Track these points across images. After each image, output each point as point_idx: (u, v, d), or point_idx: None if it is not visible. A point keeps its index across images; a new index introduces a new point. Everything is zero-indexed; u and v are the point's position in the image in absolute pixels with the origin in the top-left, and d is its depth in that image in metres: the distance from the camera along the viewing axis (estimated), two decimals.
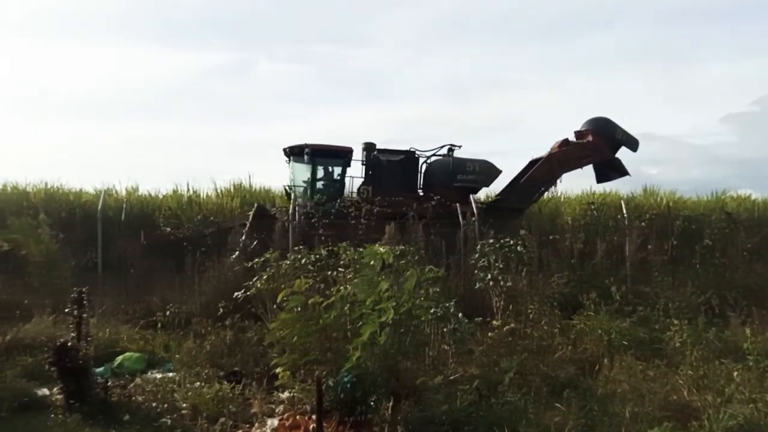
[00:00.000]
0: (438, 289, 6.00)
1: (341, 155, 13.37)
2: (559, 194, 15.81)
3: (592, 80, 47.71)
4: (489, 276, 7.82)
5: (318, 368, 5.57)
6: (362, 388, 5.43)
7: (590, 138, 13.41)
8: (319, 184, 13.41)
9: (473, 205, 10.99)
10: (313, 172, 13.30)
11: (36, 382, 6.15)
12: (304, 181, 13.28)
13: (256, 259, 7.70)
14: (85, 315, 5.66)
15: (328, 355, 5.43)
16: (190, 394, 5.72)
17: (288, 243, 9.47)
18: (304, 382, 5.75)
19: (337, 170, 13.58)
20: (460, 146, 13.59)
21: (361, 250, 6.75)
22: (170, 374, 6.62)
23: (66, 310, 6.08)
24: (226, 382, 5.95)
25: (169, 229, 13.33)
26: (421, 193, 13.19)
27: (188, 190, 18.13)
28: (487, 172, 13.49)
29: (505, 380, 5.88)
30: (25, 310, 7.53)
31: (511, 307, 7.77)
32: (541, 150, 14.19)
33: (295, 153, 13.21)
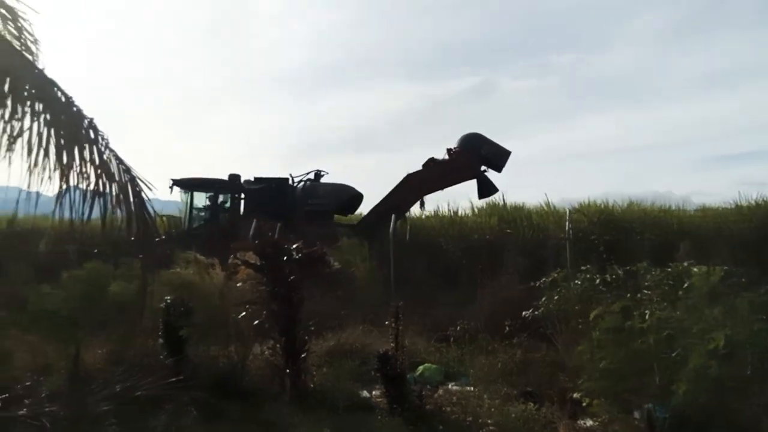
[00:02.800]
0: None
1: (212, 186, 14.48)
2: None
3: None
4: None
5: (633, 398, 5.17)
6: (688, 424, 4.85)
7: (454, 156, 12.75)
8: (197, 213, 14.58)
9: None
10: (189, 203, 14.51)
11: (357, 384, 7.03)
12: (179, 210, 14.53)
13: (544, 278, 7.60)
14: (401, 327, 6.30)
15: (648, 384, 4.99)
16: (493, 410, 5.86)
17: None
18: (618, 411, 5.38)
19: (209, 200, 14.70)
20: (327, 173, 13.97)
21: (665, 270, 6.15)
22: (468, 388, 6.91)
23: (386, 322, 6.82)
24: (531, 403, 5.94)
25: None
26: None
27: (449, 210, 19.14)
28: (336, 195, 13.64)
29: None
30: (340, 320, 8.73)
31: None
32: None
33: (177, 185, 14.35)
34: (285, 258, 6.64)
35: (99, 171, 4.62)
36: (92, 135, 4.67)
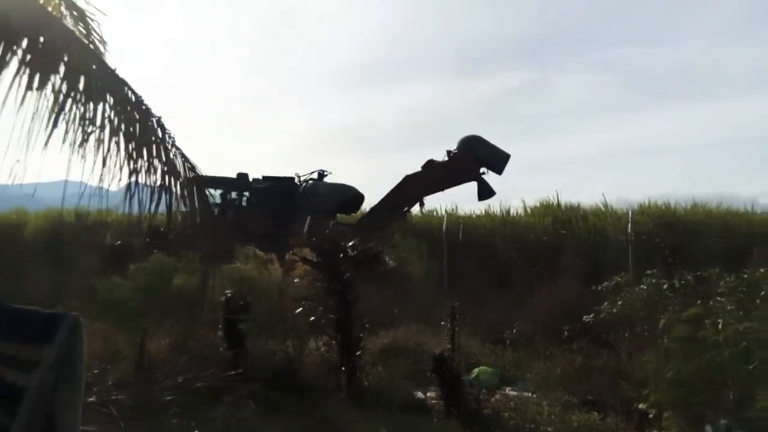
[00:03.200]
0: None
1: (222, 184, 14.81)
2: None
3: None
4: None
5: (706, 412, 4.89)
6: None
7: (452, 158, 12.83)
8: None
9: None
10: None
11: (411, 384, 6.99)
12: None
13: (606, 282, 7.32)
14: (457, 328, 6.21)
15: (722, 398, 4.71)
16: (554, 418, 5.70)
17: None
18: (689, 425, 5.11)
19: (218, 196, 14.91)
20: (330, 172, 14.31)
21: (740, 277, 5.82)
22: (526, 393, 6.75)
23: (441, 322, 6.76)
24: (595, 413, 5.73)
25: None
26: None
27: (500, 209, 18.82)
28: (336, 194, 13.84)
29: None
30: (393, 318, 8.71)
31: None
32: None
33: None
34: (341, 255, 6.67)
35: (165, 168, 4.75)
36: (160, 133, 4.80)
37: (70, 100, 4.26)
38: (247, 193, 15.28)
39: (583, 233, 14.68)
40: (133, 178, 4.55)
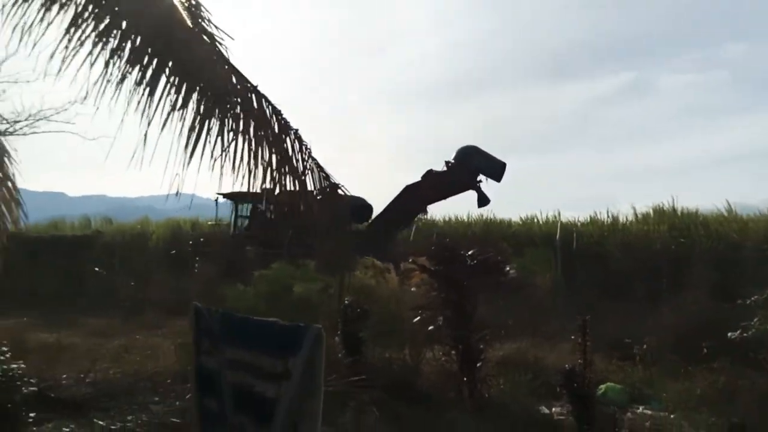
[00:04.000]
0: None
1: (247, 198, 15.61)
2: None
3: None
4: None
5: None
6: None
7: (449, 168, 13.14)
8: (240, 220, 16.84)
9: None
10: (234, 211, 17.09)
11: (533, 398, 6.72)
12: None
13: (755, 297, 6.67)
14: (589, 342, 5.90)
15: None
16: None
17: None
18: None
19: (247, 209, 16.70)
20: (342, 185, 13.27)
21: None
22: (661, 413, 6.27)
23: (573, 336, 6.47)
24: None
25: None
26: None
27: (607, 216, 17.85)
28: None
29: None
30: (510, 330, 8.46)
31: None
32: None
33: (224, 197, 16.55)
34: (459, 264, 6.58)
35: (300, 179, 4.90)
36: (297, 145, 4.96)
37: (210, 119, 4.51)
38: (271, 206, 16.80)
39: (705, 241, 13.58)
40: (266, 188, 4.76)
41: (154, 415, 5.75)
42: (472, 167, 13.32)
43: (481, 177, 13.41)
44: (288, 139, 4.96)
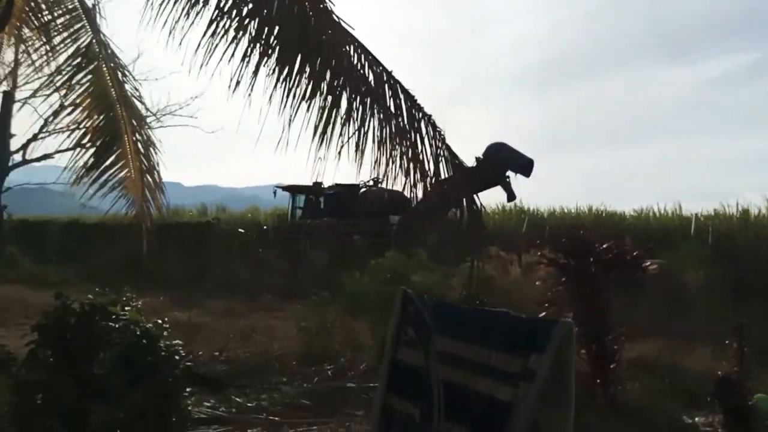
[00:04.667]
0: None
1: (303, 191, 18.86)
2: None
3: None
4: None
5: None
6: None
7: (477, 164, 13.00)
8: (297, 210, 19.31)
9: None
10: (291, 203, 19.70)
11: (673, 405, 6.19)
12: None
13: None
14: (746, 349, 5.32)
15: None
16: None
17: None
18: None
19: (301, 201, 19.45)
20: (382, 180, 12.05)
21: None
22: None
23: (728, 341, 5.90)
24: None
25: None
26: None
27: (737, 208, 16.30)
28: (382, 199, 14.79)
29: None
30: (642, 329, 7.87)
31: None
32: None
33: (283, 189, 19.36)
34: (592, 258, 6.17)
35: (436, 167, 4.76)
36: (431, 131, 4.82)
37: (339, 107, 4.46)
38: (321, 198, 18.75)
39: None
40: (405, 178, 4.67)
41: (285, 396, 5.95)
42: (498, 163, 13.75)
43: (510, 173, 13.84)
44: (421, 125, 4.84)
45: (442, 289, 7.51)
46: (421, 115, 4.90)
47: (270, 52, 4.20)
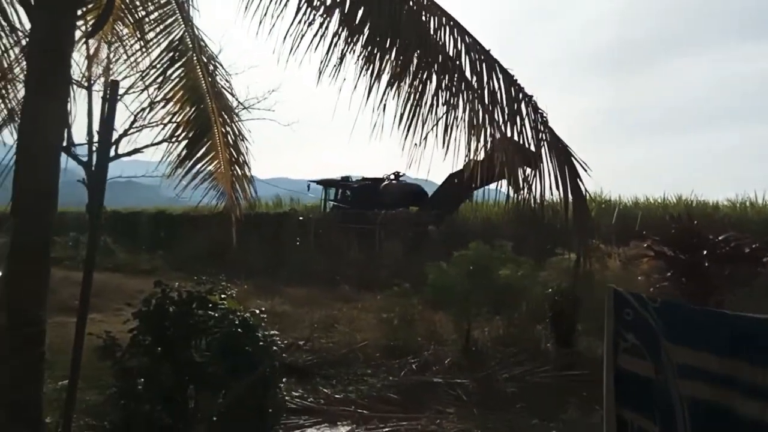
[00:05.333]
0: None
1: (333, 185, 20.01)
2: None
3: None
4: None
5: None
6: None
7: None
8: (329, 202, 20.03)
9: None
10: (324, 196, 20.36)
11: None
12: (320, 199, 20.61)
13: None
14: None
15: None
16: None
17: None
18: None
19: (332, 194, 20.04)
20: (404, 174, 18.31)
21: None
22: None
23: None
24: None
25: None
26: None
27: None
28: (401, 192, 17.80)
29: None
30: None
31: None
32: None
33: (317, 183, 20.65)
34: (705, 251, 5.61)
35: (538, 150, 4.44)
36: (532, 113, 4.50)
37: (426, 91, 4.20)
38: (348, 192, 19.92)
39: None
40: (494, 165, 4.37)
41: (372, 388, 5.85)
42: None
43: None
44: (522, 107, 4.52)
45: (532, 284, 7.15)
46: (521, 95, 4.57)
47: (357, 35, 4.04)
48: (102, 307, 8.91)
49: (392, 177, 19.54)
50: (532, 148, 4.51)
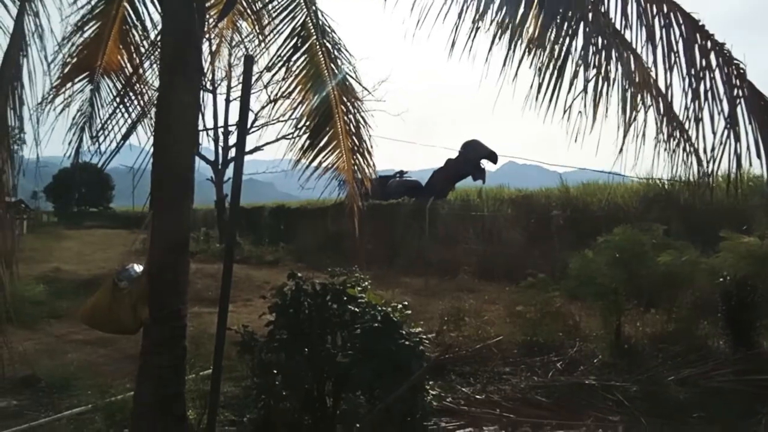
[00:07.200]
0: None
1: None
2: None
3: None
4: None
5: None
6: None
7: (456, 158, 18.00)
8: None
9: None
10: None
11: None
12: None
13: None
14: None
15: None
16: None
17: None
18: None
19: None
20: (406, 172, 21.58)
21: None
22: None
23: None
24: None
25: None
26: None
27: None
28: (399, 188, 18.93)
29: None
30: None
31: None
32: None
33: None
34: None
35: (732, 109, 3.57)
36: (724, 66, 3.64)
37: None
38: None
39: None
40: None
41: (515, 389, 5.28)
42: (470, 157, 17.97)
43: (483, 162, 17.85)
44: (711, 58, 3.66)
45: (696, 272, 6.12)
46: (710, 45, 3.70)
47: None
48: (233, 297, 9.12)
49: (398, 175, 21.86)
50: (725, 107, 3.65)
